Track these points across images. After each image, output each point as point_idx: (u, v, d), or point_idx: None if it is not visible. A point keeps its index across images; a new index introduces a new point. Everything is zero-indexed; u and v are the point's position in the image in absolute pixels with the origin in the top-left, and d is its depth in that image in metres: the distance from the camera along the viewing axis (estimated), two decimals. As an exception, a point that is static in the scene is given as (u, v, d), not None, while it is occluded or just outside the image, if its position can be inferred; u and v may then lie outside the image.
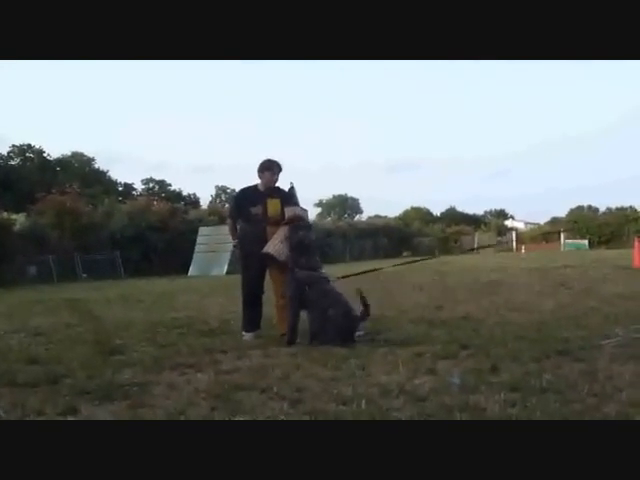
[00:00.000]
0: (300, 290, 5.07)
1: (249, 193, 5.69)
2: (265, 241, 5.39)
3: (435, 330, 5.40)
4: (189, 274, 22.76)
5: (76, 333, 6.28)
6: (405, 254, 41.24)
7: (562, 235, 42.50)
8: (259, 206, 5.54)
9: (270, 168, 5.62)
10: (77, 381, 3.85)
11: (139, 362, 4.43)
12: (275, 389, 3.46)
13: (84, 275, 22.04)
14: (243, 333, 5.58)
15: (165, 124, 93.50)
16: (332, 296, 5.05)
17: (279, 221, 5.46)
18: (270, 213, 5.53)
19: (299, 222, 5.36)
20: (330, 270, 5.92)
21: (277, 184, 5.68)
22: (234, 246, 5.89)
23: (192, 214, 30.29)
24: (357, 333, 5.09)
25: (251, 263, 5.55)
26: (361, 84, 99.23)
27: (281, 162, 5.68)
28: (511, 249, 43.21)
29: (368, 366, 3.99)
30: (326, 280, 5.24)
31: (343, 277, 6.72)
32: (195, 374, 4.03)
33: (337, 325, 4.87)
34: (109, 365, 4.35)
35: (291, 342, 5.01)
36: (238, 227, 5.75)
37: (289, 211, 5.46)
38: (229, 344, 5.12)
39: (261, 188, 5.64)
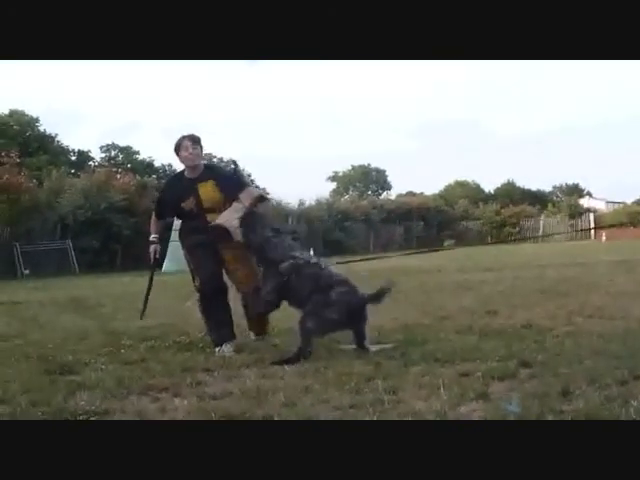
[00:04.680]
0: (280, 280, 5.28)
1: (174, 184, 5.92)
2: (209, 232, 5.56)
3: (487, 342, 5.39)
4: (163, 269, 22.78)
5: (15, 346, 6.33)
6: (447, 243, 41.17)
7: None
8: (190, 198, 5.61)
9: (180, 147, 5.62)
10: (17, 408, 3.87)
11: (98, 384, 4.46)
12: (277, 419, 3.47)
13: (26, 271, 22.21)
14: (217, 349, 5.56)
15: (132, 74, 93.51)
16: (328, 278, 5.28)
17: (221, 209, 5.54)
18: (206, 203, 5.59)
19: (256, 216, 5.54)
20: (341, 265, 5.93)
21: (203, 161, 5.83)
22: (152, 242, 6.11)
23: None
24: (382, 346, 5.15)
25: (200, 251, 5.71)
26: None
27: (197, 133, 5.71)
28: (588, 236, 43.00)
29: (399, 389, 4.00)
30: (317, 265, 5.41)
31: (339, 263, 6.84)
32: (172, 399, 4.06)
33: (342, 307, 5.10)
34: (59, 388, 4.37)
35: (260, 334, 5.75)
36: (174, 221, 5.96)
37: (246, 194, 5.58)
38: (215, 361, 5.15)
39: (188, 174, 5.71)
